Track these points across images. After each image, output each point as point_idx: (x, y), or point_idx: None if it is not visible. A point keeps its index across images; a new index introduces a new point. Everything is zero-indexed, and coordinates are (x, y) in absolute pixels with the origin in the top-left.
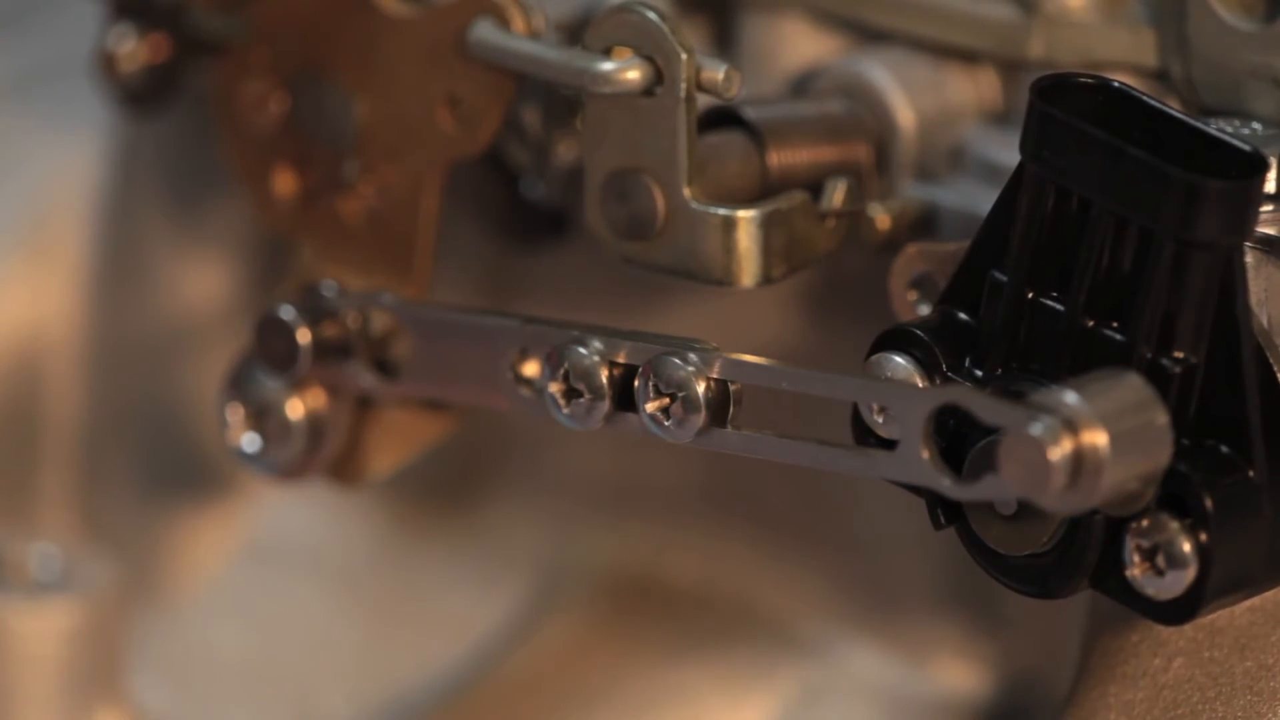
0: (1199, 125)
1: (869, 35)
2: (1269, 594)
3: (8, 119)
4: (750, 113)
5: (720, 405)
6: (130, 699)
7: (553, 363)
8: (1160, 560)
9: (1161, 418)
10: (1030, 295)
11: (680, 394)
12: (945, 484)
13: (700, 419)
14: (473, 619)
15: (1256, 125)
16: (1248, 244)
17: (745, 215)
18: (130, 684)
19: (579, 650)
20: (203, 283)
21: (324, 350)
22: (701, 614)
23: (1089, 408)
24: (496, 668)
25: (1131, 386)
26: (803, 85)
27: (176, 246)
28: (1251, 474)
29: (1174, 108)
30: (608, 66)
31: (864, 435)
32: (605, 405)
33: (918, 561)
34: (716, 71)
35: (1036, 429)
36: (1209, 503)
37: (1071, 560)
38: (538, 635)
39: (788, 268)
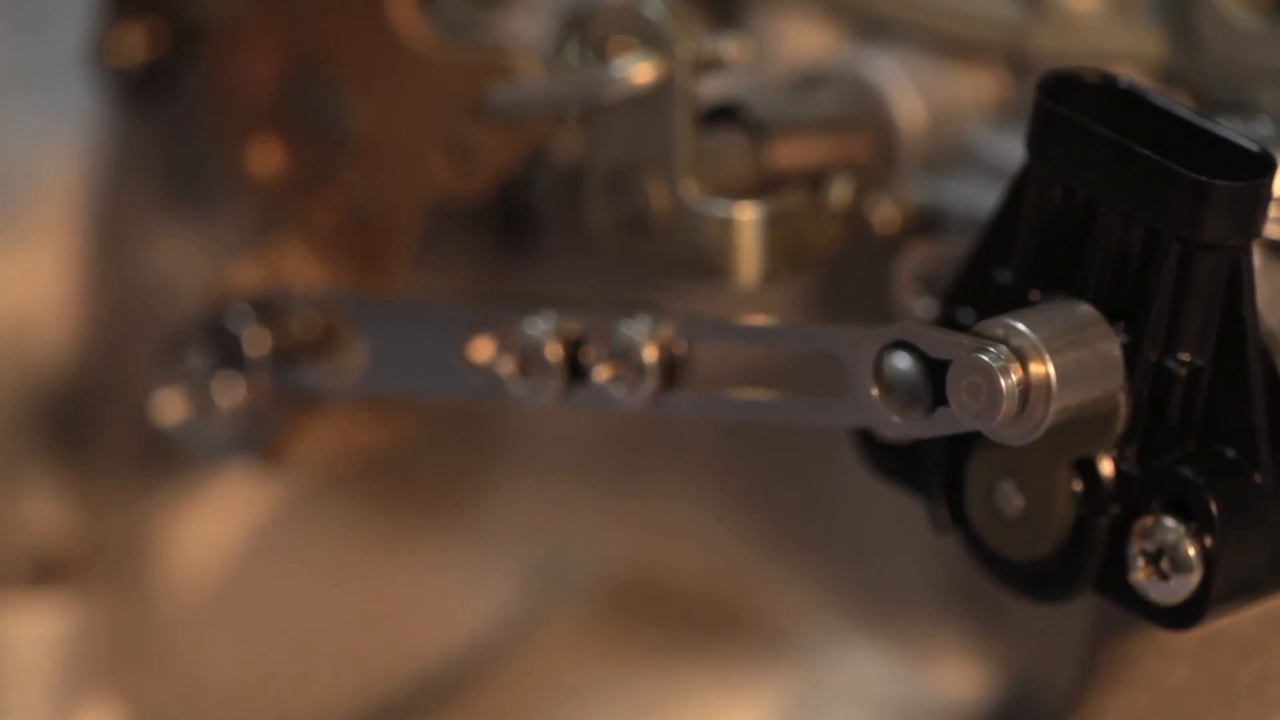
0: (1206, 124)
1: (874, 28)
2: (1274, 600)
3: (2, 106)
4: (752, 110)
5: (672, 368)
6: (122, 697)
7: (503, 341)
8: (1165, 564)
9: (1112, 346)
10: (1035, 295)
11: (630, 359)
12: (895, 422)
13: (651, 383)
14: (468, 618)
15: (1266, 119)
16: (1255, 245)
17: (747, 212)
18: (122, 682)
19: (576, 650)
20: (196, 271)
21: (274, 358)
22: (701, 615)
23: (1038, 336)
24: (492, 667)
25: (1082, 315)
26: (807, 82)
27: (168, 232)
28: (1257, 478)
29: (1181, 104)
30: (617, 76)
31: (869, 445)
32: (558, 378)
33: (919, 564)
34: (717, 50)
35: (986, 357)
36: (1214, 506)
37: (1074, 564)
38: (534, 635)
39: (789, 266)
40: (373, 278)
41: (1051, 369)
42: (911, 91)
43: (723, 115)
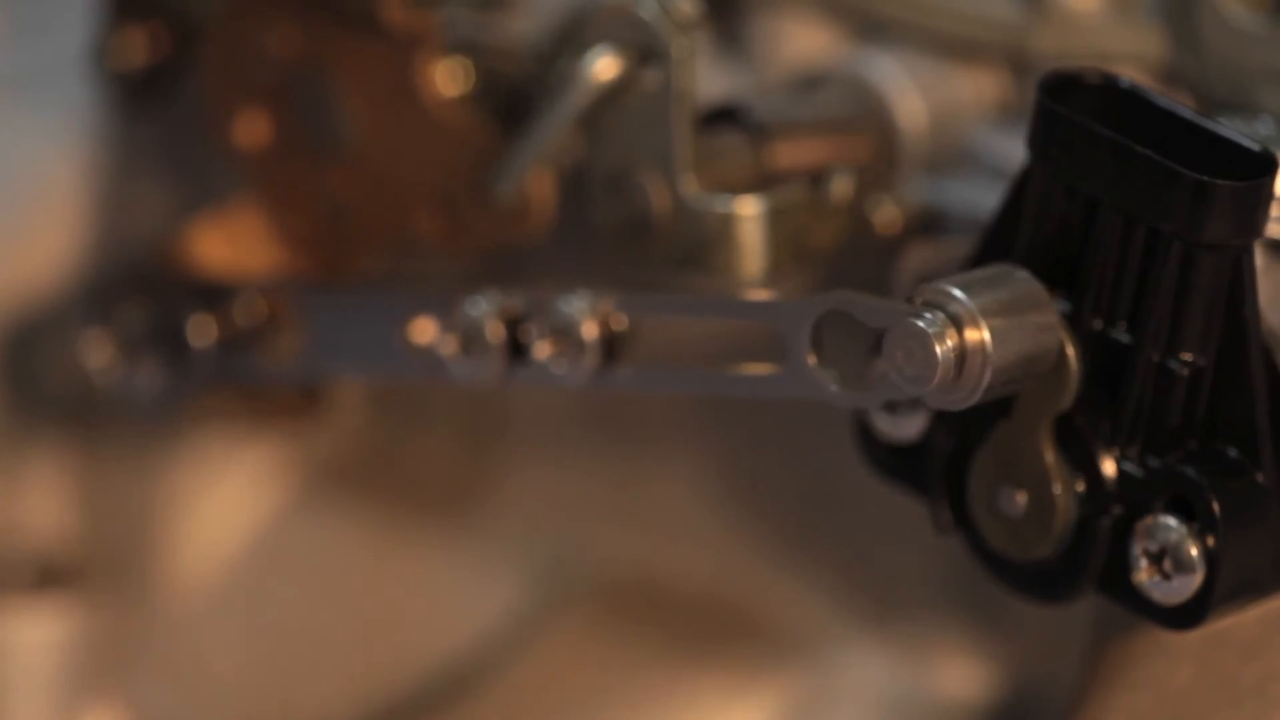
0: (1207, 124)
1: (875, 29)
2: (1276, 599)
3: (4, 110)
4: (752, 111)
5: (612, 344)
6: (125, 701)
7: (445, 322)
8: (1167, 564)
9: (1048, 309)
10: None
11: (570, 336)
12: (833, 390)
13: (592, 359)
14: (472, 620)
15: (1267, 119)
16: (1257, 245)
17: (748, 207)
18: (126, 686)
19: (579, 652)
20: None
21: (221, 352)
22: (704, 616)
23: (973, 301)
24: (495, 670)
25: (1020, 281)
26: (807, 83)
27: (171, 234)
28: (1259, 477)
29: (1183, 104)
30: (584, 75)
31: (871, 445)
32: (499, 357)
33: (922, 566)
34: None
35: (921, 323)
36: (1217, 506)
37: (1077, 565)
38: (538, 636)
39: (792, 260)
40: (334, 271)
41: (987, 333)
42: (912, 92)
43: (723, 117)
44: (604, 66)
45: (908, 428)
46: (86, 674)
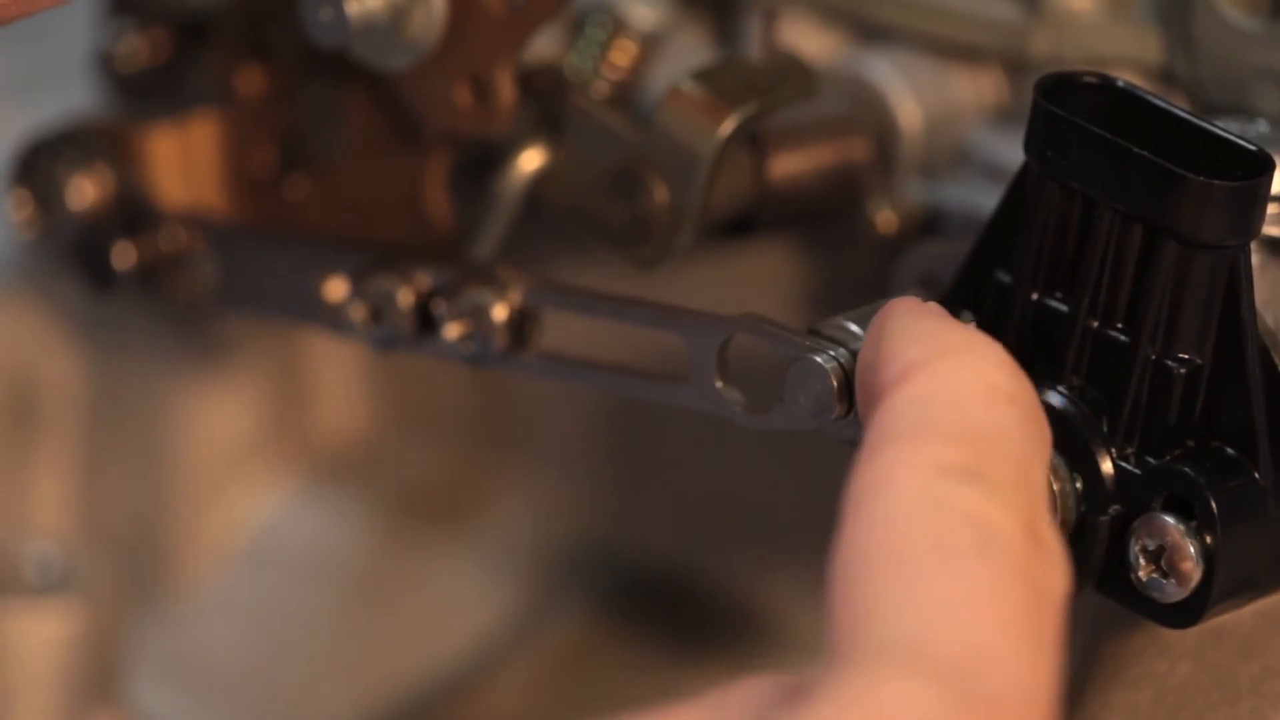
0: (1204, 125)
1: (873, 33)
2: (1274, 597)
3: (6, 114)
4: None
5: (521, 329)
6: (129, 701)
7: (356, 285)
8: (1165, 562)
9: None
10: (1035, 295)
11: (479, 317)
12: (736, 412)
13: (499, 342)
14: (475, 620)
15: (1262, 122)
16: (1253, 243)
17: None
18: (129, 686)
19: (582, 653)
20: None
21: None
22: (708, 618)
23: None
24: (499, 669)
25: None
26: None
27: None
28: (1257, 476)
29: (1179, 106)
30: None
31: None
32: (407, 328)
33: None
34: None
35: (819, 359)
36: (1214, 504)
37: (1076, 563)
38: (540, 637)
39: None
40: (271, 213)
41: None
42: (910, 94)
43: None
44: (528, 159)
45: None
46: (91, 675)
